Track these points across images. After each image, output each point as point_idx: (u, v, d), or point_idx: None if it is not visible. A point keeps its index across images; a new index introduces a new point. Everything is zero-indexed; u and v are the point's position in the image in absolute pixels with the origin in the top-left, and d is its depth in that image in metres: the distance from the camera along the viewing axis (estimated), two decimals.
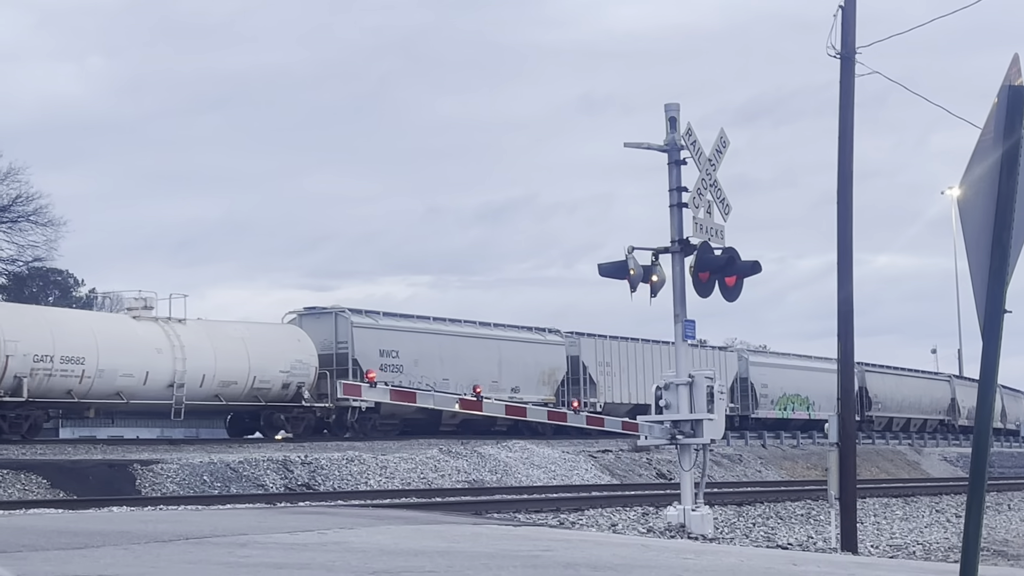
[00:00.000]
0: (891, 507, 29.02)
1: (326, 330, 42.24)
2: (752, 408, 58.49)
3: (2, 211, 59.91)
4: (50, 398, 34.48)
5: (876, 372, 67.52)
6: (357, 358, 42.00)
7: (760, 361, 60.64)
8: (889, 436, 65.10)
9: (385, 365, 42.15)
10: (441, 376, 43.76)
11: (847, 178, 20.84)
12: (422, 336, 44.74)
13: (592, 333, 51.80)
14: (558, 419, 24.72)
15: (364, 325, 42.95)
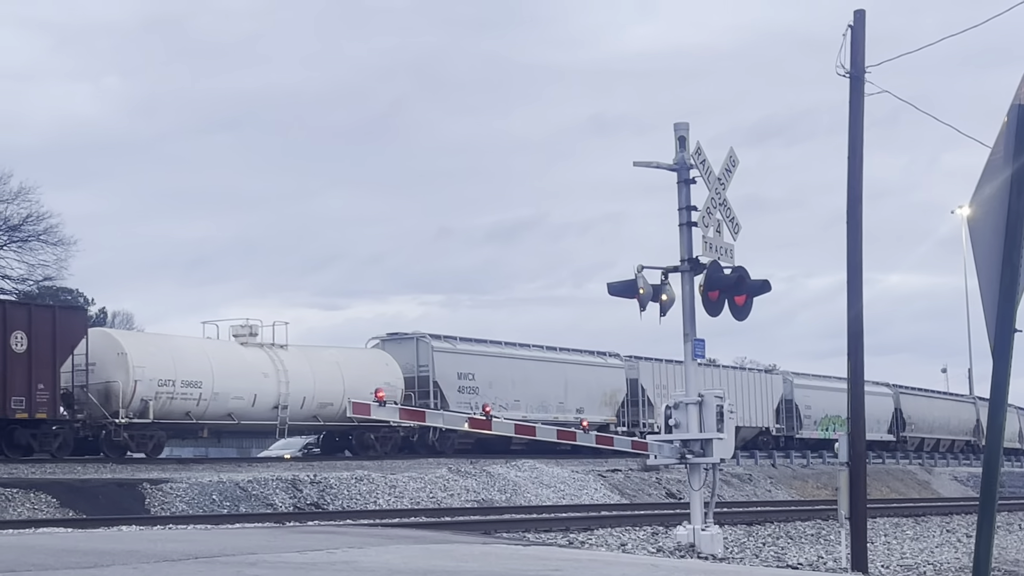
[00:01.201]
0: (902, 527, 28.92)
1: (408, 354, 44.77)
2: (796, 428, 60.44)
3: (13, 230, 60.07)
4: (171, 419, 36.98)
5: (910, 394, 70.24)
6: (438, 380, 44.44)
7: (803, 383, 62.40)
8: (925, 456, 67.88)
9: (462, 387, 44.97)
10: (513, 398, 46.40)
11: (856, 197, 20.82)
12: (496, 360, 47.08)
13: (650, 357, 53.83)
14: (567, 438, 24.67)
15: (443, 349, 45.50)
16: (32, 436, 33.98)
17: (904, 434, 68.20)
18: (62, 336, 34.35)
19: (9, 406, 33.02)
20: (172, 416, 36.86)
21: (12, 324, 33.28)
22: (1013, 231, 6.74)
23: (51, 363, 33.98)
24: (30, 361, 33.38)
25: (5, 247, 60.31)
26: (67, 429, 35.19)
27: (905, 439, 68.29)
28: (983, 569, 6.75)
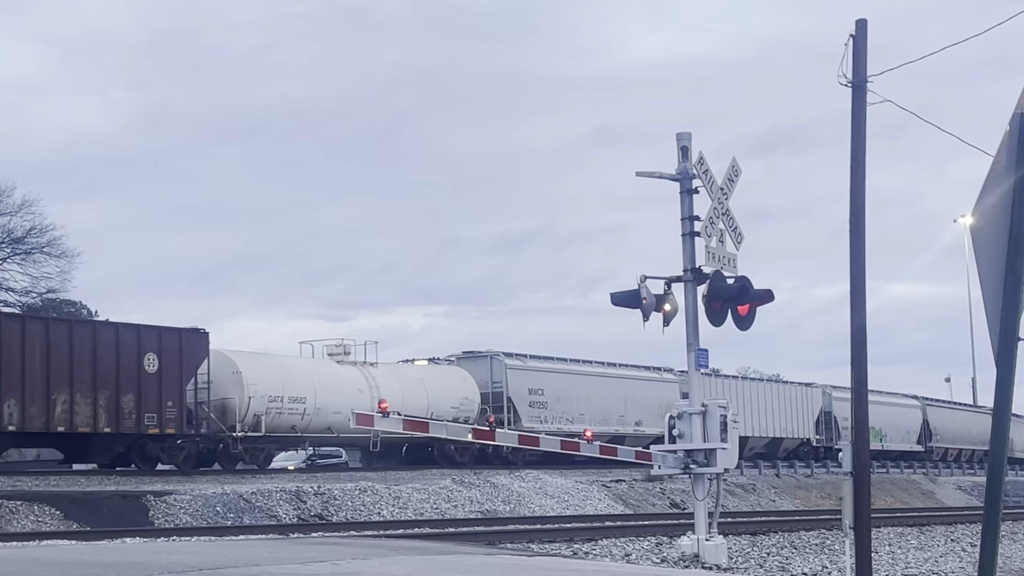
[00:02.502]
0: (906, 536, 28.88)
1: (482, 371, 47.41)
2: (835, 440, 61.94)
3: (16, 243, 60.11)
4: (279, 432, 39.70)
5: (935, 406, 73.37)
6: (511, 396, 47.12)
7: (841, 396, 63.48)
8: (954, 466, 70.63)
9: (533, 402, 47.72)
10: (578, 411, 48.93)
11: (859, 206, 20.81)
12: (563, 376, 49.64)
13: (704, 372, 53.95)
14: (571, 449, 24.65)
15: (515, 367, 48.10)
16: (161, 449, 37.12)
17: (931, 444, 70.54)
18: (188, 357, 37.33)
19: (143, 422, 35.90)
20: (280, 430, 39.41)
21: (145, 346, 36.23)
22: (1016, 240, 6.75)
23: (178, 382, 36.96)
24: (160, 380, 36.34)
25: (8, 260, 60.37)
26: (191, 443, 37.96)
27: (932, 449, 70.61)
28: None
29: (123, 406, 35.49)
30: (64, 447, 36.93)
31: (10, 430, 33.39)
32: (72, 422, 34.32)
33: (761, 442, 59.03)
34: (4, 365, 33.22)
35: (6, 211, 59.72)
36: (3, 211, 59.70)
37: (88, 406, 34.76)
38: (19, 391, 33.42)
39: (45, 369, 34.01)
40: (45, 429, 34.14)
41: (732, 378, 59.02)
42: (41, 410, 33.84)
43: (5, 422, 33.09)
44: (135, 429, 35.71)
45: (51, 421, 34.03)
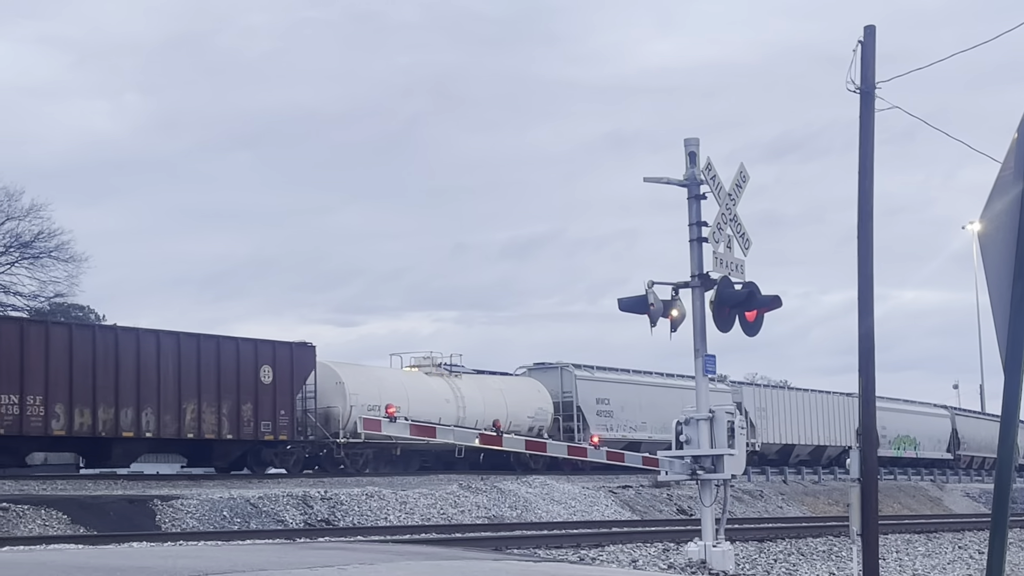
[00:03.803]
0: (913, 543, 28.83)
1: (553, 381, 49.69)
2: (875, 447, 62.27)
3: (24, 247, 60.17)
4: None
5: (963, 416, 76.11)
6: (580, 405, 49.31)
7: (881, 406, 64.04)
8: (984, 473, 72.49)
9: (600, 411, 49.82)
10: (640, 420, 50.99)
11: (867, 213, 20.80)
12: (627, 386, 51.73)
13: (752, 382, 60.82)
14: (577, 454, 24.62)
15: (584, 378, 50.23)
16: (274, 455, 40.28)
17: (959, 452, 72.76)
18: (298, 369, 40.48)
19: (260, 429, 39.06)
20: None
21: (261, 359, 39.42)
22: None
23: (290, 392, 40.13)
24: (274, 391, 39.50)
25: (17, 264, 60.44)
26: (300, 448, 40.94)
27: (959, 457, 72.75)
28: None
29: (243, 414, 38.60)
30: (189, 452, 39.99)
31: (147, 436, 36.54)
32: (200, 429, 37.45)
33: (806, 449, 61.16)
34: (142, 377, 36.19)
35: (15, 215, 59.82)
36: (12, 215, 59.80)
37: (213, 415, 37.91)
38: (155, 401, 36.49)
39: (177, 380, 37.03)
40: (177, 436, 37.29)
41: (779, 388, 61.50)
42: (173, 418, 36.93)
43: (143, 429, 36.21)
44: (253, 436, 38.92)
45: (182, 428, 37.18)
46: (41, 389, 34.25)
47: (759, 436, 57.36)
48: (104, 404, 35.40)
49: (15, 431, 33.82)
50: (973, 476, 71.65)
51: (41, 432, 34.47)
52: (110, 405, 35.53)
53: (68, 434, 34.95)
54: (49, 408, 34.34)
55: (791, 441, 59.73)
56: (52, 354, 34.57)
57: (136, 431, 36.13)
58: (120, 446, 36.82)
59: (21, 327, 35.41)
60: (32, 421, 34.05)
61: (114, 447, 36.73)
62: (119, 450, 37.09)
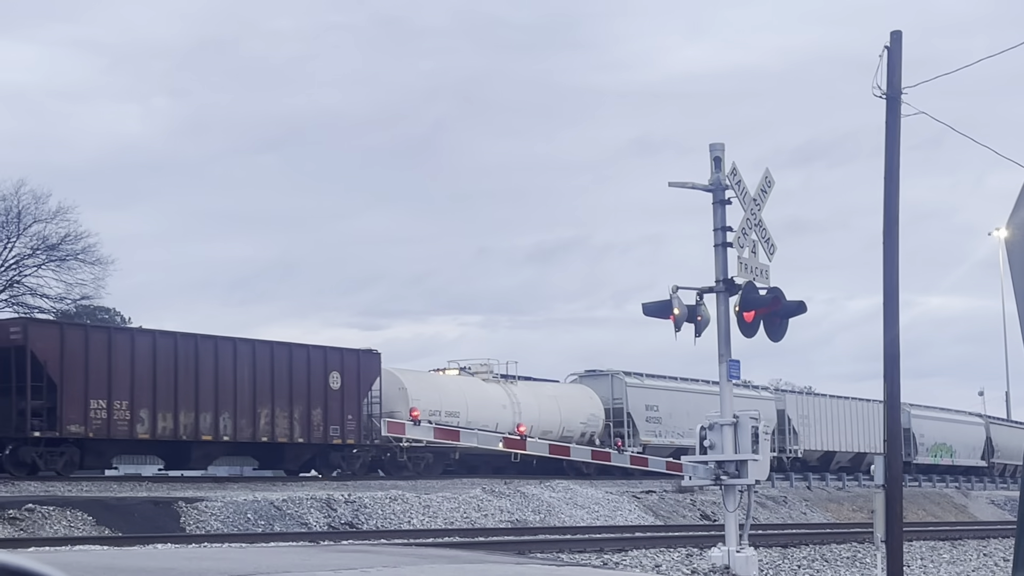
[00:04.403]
0: (938, 550, 28.71)
1: (604, 388, 50.68)
2: (913, 455, 65.02)
3: (51, 249, 60.39)
4: (437, 444, 41.30)
5: (997, 424, 77.01)
6: (630, 412, 50.38)
7: (919, 414, 67.29)
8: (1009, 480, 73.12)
9: (649, 418, 50.87)
10: (687, 426, 50.31)
11: (893, 218, 20.75)
12: (674, 393, 52.37)
13: (795, 390, 61.74)
14: (602, 459, 24.58)
15: (634, 385, 51.24)
16: (341, 458, 41.46)
17: (993, 460, 73.66)
18: (364, 375, 41.90)
19: (328, 433, 40.49)
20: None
21: (330, 366, 40.82)
22: None
23: (356, 397, 41.57)
24: (342, 396, 40.89)
25: (43, 266, 60.66)
26: (365, 452, 42.33)
27: (993, 465, 73.83)
28: None
29: (313, 419, 39.99)
30: (261, 455, 41.67)
31: (225, 440, 38.09)
32: (273, 433, 39.00)
33: (846, 456, 61.91)
34: (220, 383, 37.67)
35: (42, 218, 60.07)
36: (39, 218, 60.05)
37: (285, 419, 39.36)
38: (232, 406, 37.94)
39: (252, 386, 38.53)
40: (252, 439, 38.75)
41: (821, 396, 61.83)
42: (249, 422, 38.38)
43: (221, 433, 37.71)
44: (322, 439, 40.32)
45: (257, 432, 38.62)
46: (127, 394, 35.63)
47: (801, 443, 58.72)
48: (185, 409, 36.86)
49: (103, 435, 35.25)
50: (999, 483, 71.58)
51: (127, 436, 35.88)
52: (191, 410, 36.98)
53: (151, 438, 36.47)
54: (134, 413, 35.76)
55: (832, 448, 60.75)
56: (137, 361, 35.95)
57: (214, 435, 37.60)
58: (199, 449, 38.34)
59: (109, 335, 36.77)
60: (119, 425, 35.41)
61: (193, 450, 38.22)
62: (198, 453, 38.62)
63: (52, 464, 34.77)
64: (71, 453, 35.30)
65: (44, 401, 34.10)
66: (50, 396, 34.19)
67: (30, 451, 34.28)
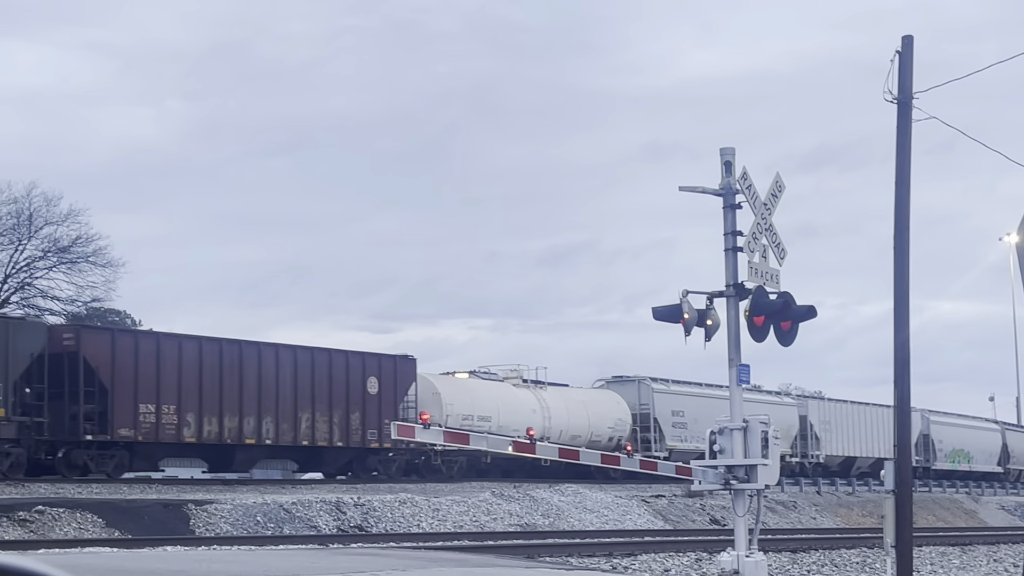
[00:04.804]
0: (948, 556, 28.67)
1: (631, 394, 51.38)
2: (932, 461, 66.54)
3: (62, 252, 60.52)
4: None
5: (1013, 430, 77.76)
6: (657, 417, 51.01)
7: (938, 420, 68.39)
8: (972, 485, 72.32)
9: (675, 423, 51.51)
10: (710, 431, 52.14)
11: (904, 223, 20.73)
12: (699, 399, 52.55)
13: (817, 396, 62.43)
14: (611, 463, 24.56)
15: (661, 391, 51.94)
16: (378, 462, 42.46)
17: (1009, 466, 74.56)
18: (400, 380, 43.06)
19: (366, 437, 41.55)
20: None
21: (368, 371, 41.89)
22: None
23: (393, 402, 42.67)
24: (380, 401, 41.90)
25: (54, 268, 60.80)
26: (401, 456, 43.14)
27: (1009, 471, 74.76)
28: None
29: (351, 423, 40.96)
30: (301, 459, 42.97)
31: (267, 443, 39.21)
32: (313, 437, 40.05)
33: (867, 462, 62.18)
34: (263, 388, 38.78)
35: (53, 220, 60.19)
36: (50, 220, 60.17)
37: (325, 423, 40.41)
38: (274, 410, 39.09)
39: (294, 391, 39.71)
40: (293, 443, 39.96)
41: (842, 402, 62.19)
42: (290, 427, 39.64)
43: (264, 436, 38.88)
44: (360, 443, 41.37)
45: (297, 436, 39.82)
46: (174, 399, 36.73)
47: (823, 448, 59.40)
48: (229, 413, 37.96)
49: (151, 438, 36.40)
50: (1009, 489, 71.69)
51: (174, 439, 37.00)
52: (235, 414, 38.09)
53: (197, 441, 37.50)
54: (181, 417, 36.88)
55: (853, 453, 61.37)
56: (184, 366, 37.04)
57: (257, 438, 38.77)
58: (242, 452, 39.42)
59: (157, 340, 37.66)
60: (166, 429, 36.57)
61: (237, 453, 39.33)
62: (241, 456, 39.70)
63: (103, 466, 35.79)
64: (121, 456, 36.32)
65: (96, 405, 35.11)
66: (101, 400, 35.22)
67: (82, 454, 35.32)
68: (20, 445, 33.74)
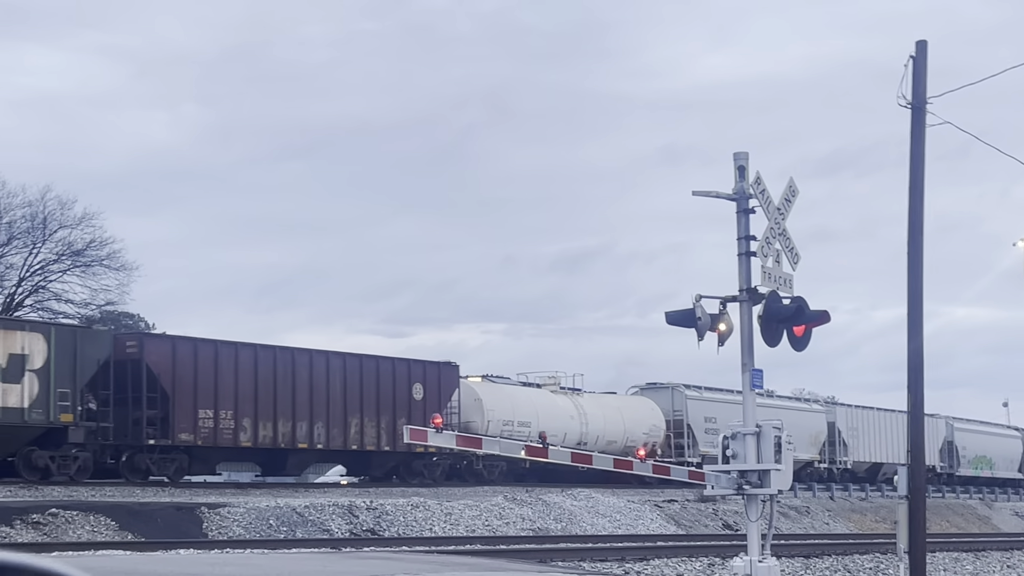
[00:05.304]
0: (961, 562, 28.60)
1: (665, 400, 52.47)
2: (956, 467, 67.78)
3: (76, 255, 60.60)
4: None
5: None
6: (690, 423, 51.88)
7: (962, 427, 69.58)
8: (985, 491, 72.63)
9: (708, 429, 51.85)
10: None
11: (917, 228, 20.70)
12: (731, 406, 52.98)
13: (845, 403, 62.48)
14: (623, 467, 24.56)
15: (694, 397, 52.92)
16: (424, 466, 43.55)
17: None
18: (444, 386, 44.22)
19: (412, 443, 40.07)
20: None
21: (413, 377, 43.20)
22: None
23: (437, 407, 42.46)
24: (425, 407, 42.38)
25: (68, 272, 60.89)
26: (445, 460, 44.13)
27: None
28: None
29: (398, 428, 40.70)
30: (349, 462, 44.57)
31: (319, 447, 40.41)
32: (362, 442, 41.27)
33: (892, 468, 62.33)
34: (315, 394, 39.94)
35: (67, 223, 60.28)
36: (64, 224, 60.27)
37: (373, 428, 41.65)
38: (325, 415, 40.28)
39: (343, 397, 40.93)
40: (343, 447, 41.20)
41: (869, 409, 62.92)
42: (340, 431, 40.78)
43: (315, 441, 40.10)
44: (406, 448, 41.17)
45: (347, 440, 41.02)
46: (232, 405, 37.87)
47: (851, 454, 60.45)
48: (283, 418, 39.17)
49: (210, 442, 37.52)
50: (1023, 494, 71.67)
51: (231, 443, 38.13)
52: (288, 419, 39.30)
53: (253, 445, 38.66)
54: (238, 422, 38.00)
55: (879, 459, 62.12)
56: (240, 373, 38.19)
57: (309, 443, 39.99)
58: (295, 456, 40.85)
59: (215, 348, 38.34)
60: (224, 434, 37.66)
61: (289, 457, 40.71)
62: (293, 460, 41.21)
63: (164, 470, 36.90)
64: (181, 460, 37.39)
65: (158, 411, 36.19)
66: (163, 406, 36.29)
67: (144, 458, 36.28)
68: (86, 449, 34.87)
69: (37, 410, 33.44)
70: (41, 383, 33.58)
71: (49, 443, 34.06)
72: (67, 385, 33.99)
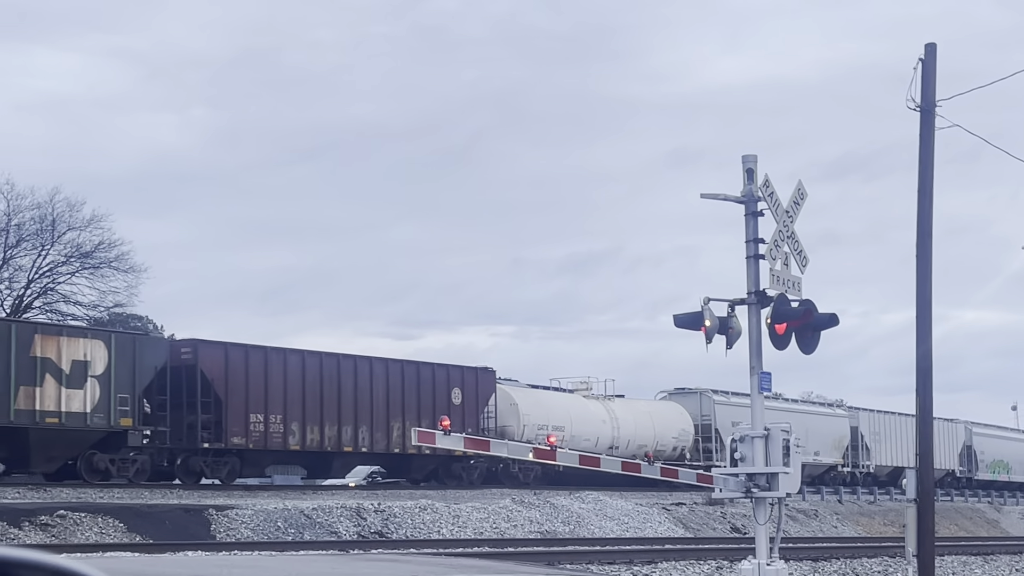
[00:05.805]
0: (970, 565, 28.55)
1: (693, 405, 53.45)
2: (974, 471, 68.54)
3: (85, 257, 60.68)
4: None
5: None
6: (718, 428, 52.23)
7: (981, 432, 70.37)
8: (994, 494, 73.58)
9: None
10: None
11: (926, 232, 20.67)
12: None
13: (867, 408, 63.40)
14: (632, 470, 24.53)
15: (721, 403, 53.57)
16: (462, 469, 44.46)
17: None
18: (481, 391, 45.46)
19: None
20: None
21: (452, 382, 44.37)
22: None
23: (475, 412, 44.92)
24: (463, 411, 43.82)
25: (77, 274, 60.97)
26: (482, 464, 44.94)
27: None
28: None
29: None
30: (390, 465, 45.77)
31: (363, 450, 41.82)
32: (404, 445, 41.95)
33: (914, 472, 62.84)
34: (359, 398, 41.19)
35: (76, 225, 60.37)
36: (73, 225, 60.35)
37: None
38: (368, 419, 41.50)
39: (386, 401, 42.12)
40: (385, 450, 42.48)
41: (892, 414, 63.39)
42: (383, 435, 42.03)
43: (360, 444, 41.34)
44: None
45: (389, 444, 42.24)
46: (281, 409, 39.07)
47: (873, 459, 61.37)
48: (329, 422, 40.32)
49: (260, 446, 38.75)
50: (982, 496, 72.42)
51: (280, 447, 39.42)
52: (334, 423, 40.46)
53: (301, 449, 39.97)
54: (287, 426, 39.26)
55: (901, 464, 62.20)
56: (289, 378, 39.37)
57: (354, 446, 41.23)
58: (340, 459, 41.97)
59: (265, 354, 39.57)
60: (274, 437, 38.92)
61: (335, 460, 41.83)
62: (338, 463, 42.35)
63: (217, 472, 38.09)
64: (233, 463, 38.51)
65: (211, 415, 37.39)
66: (216, 411, 37.48)
67: (198, 461, 37.55)
68: (144, 453, 36.12)
69: (99, 414, 34.49)
70: (102, 388, 34.66)
71: (109, 447, 35.12)
72: (126, 390, 35.13)
